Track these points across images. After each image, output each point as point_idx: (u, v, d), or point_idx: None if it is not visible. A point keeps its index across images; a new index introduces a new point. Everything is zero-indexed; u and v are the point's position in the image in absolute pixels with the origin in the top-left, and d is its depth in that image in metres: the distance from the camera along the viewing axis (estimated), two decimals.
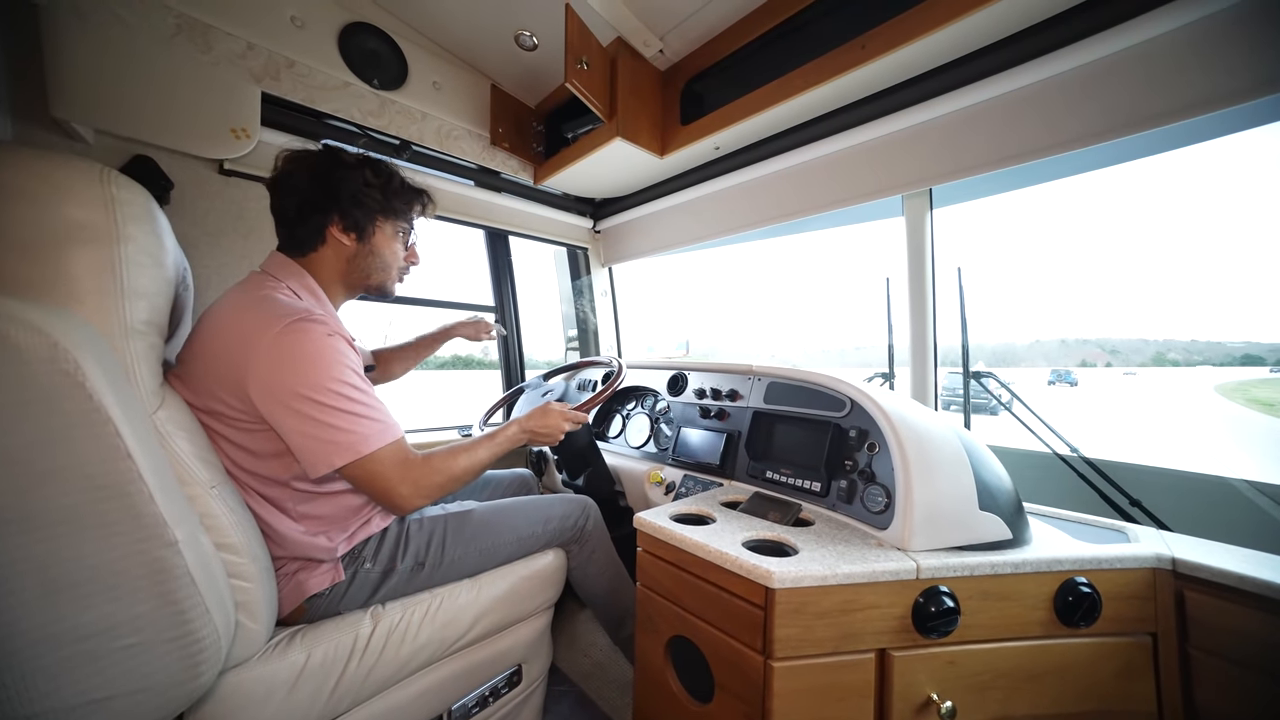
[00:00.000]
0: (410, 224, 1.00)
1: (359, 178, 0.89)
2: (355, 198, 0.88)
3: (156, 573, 0.56)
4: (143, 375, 0.66)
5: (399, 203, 0.95)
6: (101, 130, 1.06)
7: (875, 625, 0.69)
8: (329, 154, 0.90)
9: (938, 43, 1.05)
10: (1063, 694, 0.74)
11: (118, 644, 0.54)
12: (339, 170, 0.88)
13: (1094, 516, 0.98)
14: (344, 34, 1.35)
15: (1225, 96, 0.87)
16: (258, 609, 0.74)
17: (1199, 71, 0.89)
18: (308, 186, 0.86)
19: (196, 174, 1.20)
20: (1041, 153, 1.07)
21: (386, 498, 0.82)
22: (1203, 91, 0.89)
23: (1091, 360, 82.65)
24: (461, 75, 1.62)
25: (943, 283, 1.33)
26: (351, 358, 0.81)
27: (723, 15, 1.34)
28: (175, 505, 0.60)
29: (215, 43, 1.17)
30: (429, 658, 0.92)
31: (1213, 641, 0.73)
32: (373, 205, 0.91)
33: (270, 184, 0.88)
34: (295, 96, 1.29)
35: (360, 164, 0.90)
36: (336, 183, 0.87)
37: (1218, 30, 0.87)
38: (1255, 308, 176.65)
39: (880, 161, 1.33)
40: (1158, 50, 0.92)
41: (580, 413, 1.11)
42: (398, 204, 0.95)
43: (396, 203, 0.94)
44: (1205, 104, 0.89)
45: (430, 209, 1.02)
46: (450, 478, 0.89)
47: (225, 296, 0.83)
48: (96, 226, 0.61)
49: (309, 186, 0.86)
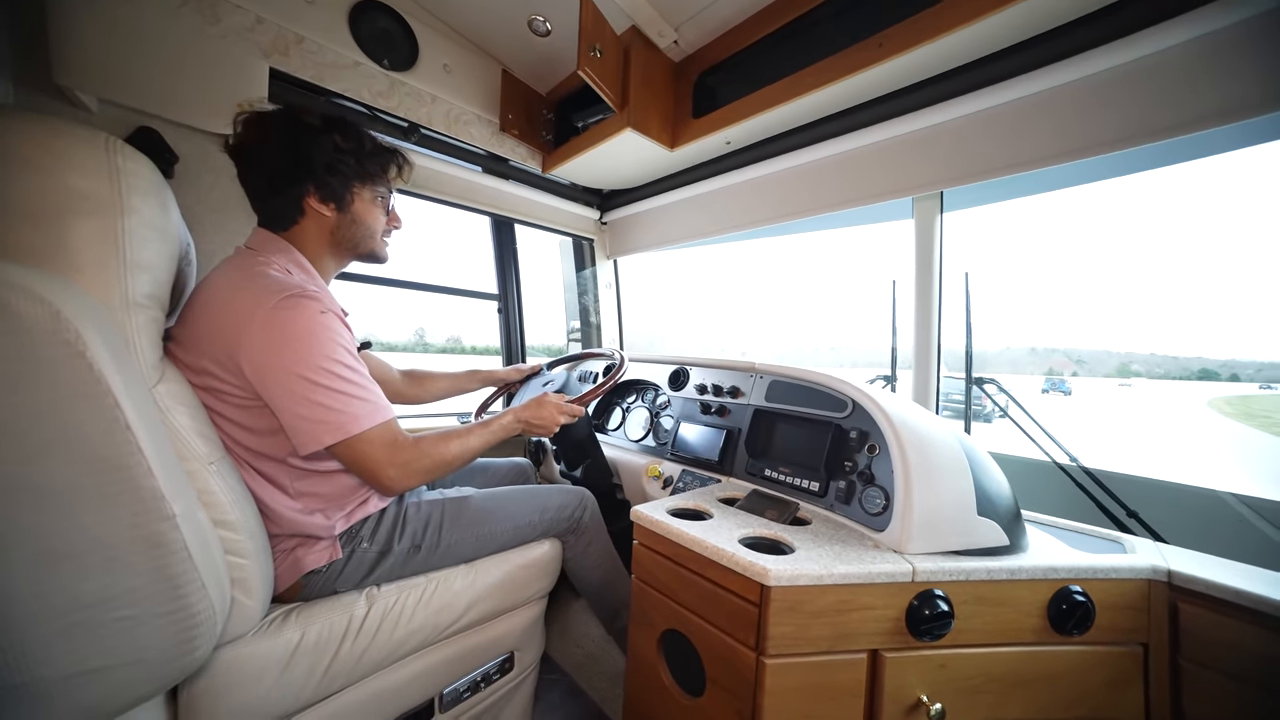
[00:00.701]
0: (388, 187, 0.96)
1: (328, 143, 0.84)
2: (330, 166, 0.84)
3: (154, 546, 0.56)
4: (143, 348, 0.66)
5: (374, 166, 0.91)
6: (105, 100, 1.05)
7: (869, 626, 0.69)
8: (289, 116, 0.84)
9: (954, 44, 1.03)
10: (1053, 700, 0.75)
11: (114, 615, 0.54)
12: (306, 136, 0.82)
13: (1091, 526, 0.98)
14: (355, 11, 1.33)
15: (1232, 111, 0.87)
16: (253, 586, 0.74)
17: (1207, 85, 0.89)
18: (276, 156, 0.82)
19: (201, 148, 1.19)
20: (1051, 160, 1.06)
21: (374, 478, 0.82)
22: (1211, 105, 0.88)
23: (1059, 369, 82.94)
24: (473, 59, 1.60)
25: (948, 287, 1.32)
26: (344, 336, 0.80)
27: (739, 8, 1.33)
28: (174, 480, 0.59)
29: (224, 15, 1.15)
30: (422, 641, 0.92)
31: (1205, 654, 0.73)
32: (348, 172, 0.87)
33: (232, 152, 0.84)
34: (303, 74, 1.27)
35: (326, 126, 0.85)
36: (306, 150, 0.82)
37: (1227, 45, 0.86)
38: (1210, 325, 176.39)
39: (892, 162, 1.32)
40: (1167, 62, 0.92)
41: (576, 405, 1.11)
42: (372, 168, 0.91)
43: (371, 166, 0.90)
44: (1213, 118, 0.88)
45: (407, 170, 0.98)
46: (440, 462, 0.88)
47: (216, 272, 0.81)
48: (100, 197, 0.61)
49: (277, 156, 0.82)
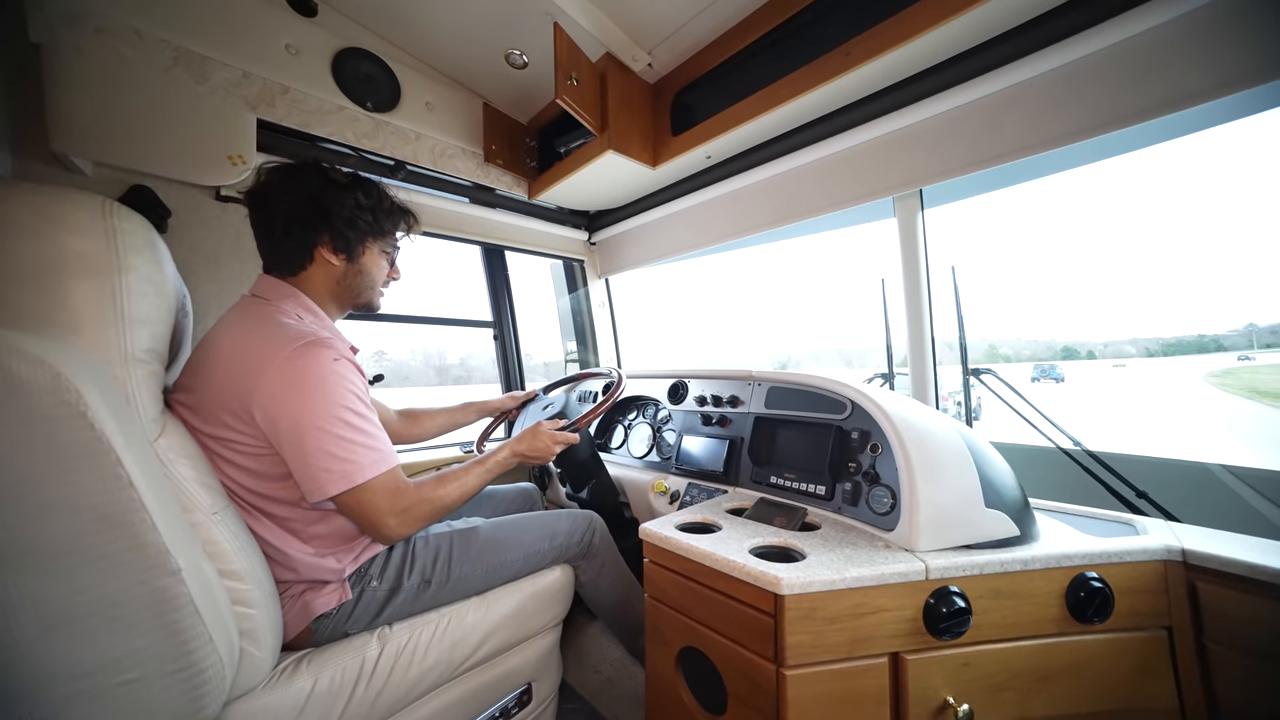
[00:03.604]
0: (396, 244, 1.00)
1: (351, 199, 0.88)
2: (349, 220, 0.88)
3: (159, 603, 0.56)
4: (144, 403, 0.66)
5: (388, 223, 0.96)
6: (100, 162, 1.07)
7: (887, 629, 0.68)
8: (319, 172, 0.88)
9: (921, 48, 1.07)
10: (1080, 693, 0.73)
11: (118, 679, 0.54)
12: (330, 190, 0.87)
13: (1101, 510, 0.97)
14: (337, 59, 1.37)
15: (1202, 92, 0.89)
16: (262, 635, 0.73)
17: (1172, 70, 0.91)
18: (296, 203, 0.85)
19: (194, 201, 1.21)
20: (1026, 151, 1.09)
21: (374, 527, 0.81)
22: (1181, 87, 0.90)
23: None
24: (454, 95, 1.64)
25: (936, 282, 1.33)
26: (357, 382, 0.81)
27: (709, 28, 1.37)
28: (178, 533, 0.59)
29: (211, 73, 1.19)
30: (437, 679, 0.90)
31: (1229, 634, 0.72)
32: (364, 227, 0.91)
33: (251, 197, 0.86)
34: (290, 121, 1.31)
35: (352, 185, 0.90)
36: (329, 203, 0.86)
37: (1198, 26, 0.88)
38: (1188, 302, 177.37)
39: (870, 165, 1.34)
40: (1133, 50, 0.94)
41: (569, 433, 1.11)
42: (387, 225, 0.95)
43: (386, 224, 0.95)
44: (1184, 99, 0.90)
45: (416, 228, 1.03)
46: (439, 507, 0.89)
47: (224, 321, 0.83)
48: (97, 257, 0.62)
49: (298, 203, 0.85)
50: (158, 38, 1.11)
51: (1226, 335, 21.40)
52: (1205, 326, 51.90)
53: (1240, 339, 17.77)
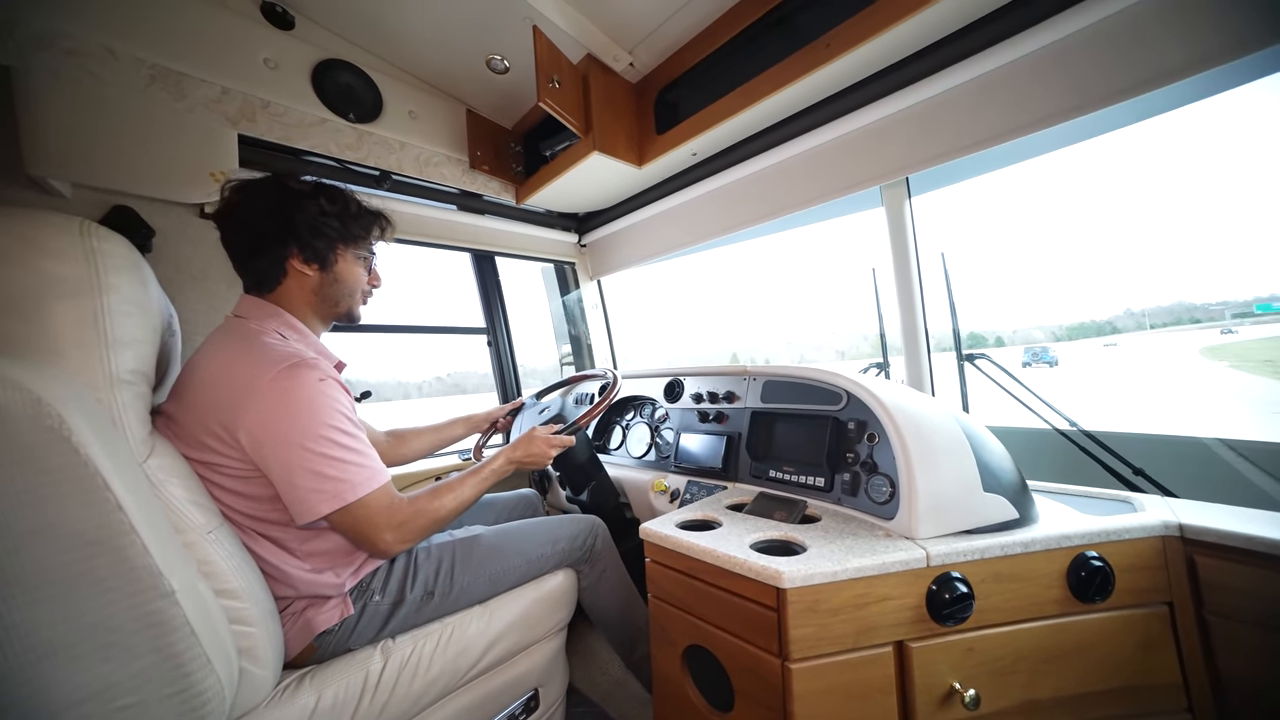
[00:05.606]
0: (371, 249, 0.98)
1: (314, 206, 0.86)
2: (314, 228, 0.86)
3: (153, 625, 0.55)
4: (131, 424, 0.66)
5: (358, 228, 0.93)
6: (79, 184, 1.06)
7: (890, 617, 0.68)
8: (276, 183, 0.87)
9: (901, 36, 1.07)
10: (1086, 673, 0.73)
11: (115, 704, 0.53)
12: (290, 200, 0.85)
13: (1098, 489, 0.98)
14: (317, 71, 1.37)
15: (1189, 65, 0.89)
16: (262, 653, 0.72)
17: (1162, 44, 0.91)
18: (259, 218, 0.84)
19: (178, 219, 1.20)
20: (1016, 132, 1.09)
21: (370, 543, 0.80)
22: (1168, 62, 0.90)
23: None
24: (436, 103, 1.63)
25: (927, 269, 1.34)
26: (343, 401, 0.80)
27: (688, 25, 1.37)
28: (171, 554, 0.59)
29: (189, 90, 1.18)
30: (443, 689, 0.90)
31: (1228, 606, 0.72)
32: (332, 234, 0.89)
33: (218, 219, 0.85)
34: (271, 136, 1.30)
35: (314, 191, 0.88)
36: (290, 213, 0.84)
37: (1174, 3, 0.88)
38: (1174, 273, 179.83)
39: (855, 154, 1.35)
40: (1120, 25, 0.94)
41: (564, 437, 1.11)
42: (356, 230, 0.93)
43: (355, 229, 0.93)
44: (1171, 74, 0.90)
45: (389, 231, 1.01)
46: (436, 519, 0.88)
47: (208, 344, 0.82)
48: (77, 279, 0.61)
49: (260, 218, 0.84)
50: (133, 56, 1.10)
51: (1203, 307, 21.38)
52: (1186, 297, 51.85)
53: (1216, 312, 17.69)
